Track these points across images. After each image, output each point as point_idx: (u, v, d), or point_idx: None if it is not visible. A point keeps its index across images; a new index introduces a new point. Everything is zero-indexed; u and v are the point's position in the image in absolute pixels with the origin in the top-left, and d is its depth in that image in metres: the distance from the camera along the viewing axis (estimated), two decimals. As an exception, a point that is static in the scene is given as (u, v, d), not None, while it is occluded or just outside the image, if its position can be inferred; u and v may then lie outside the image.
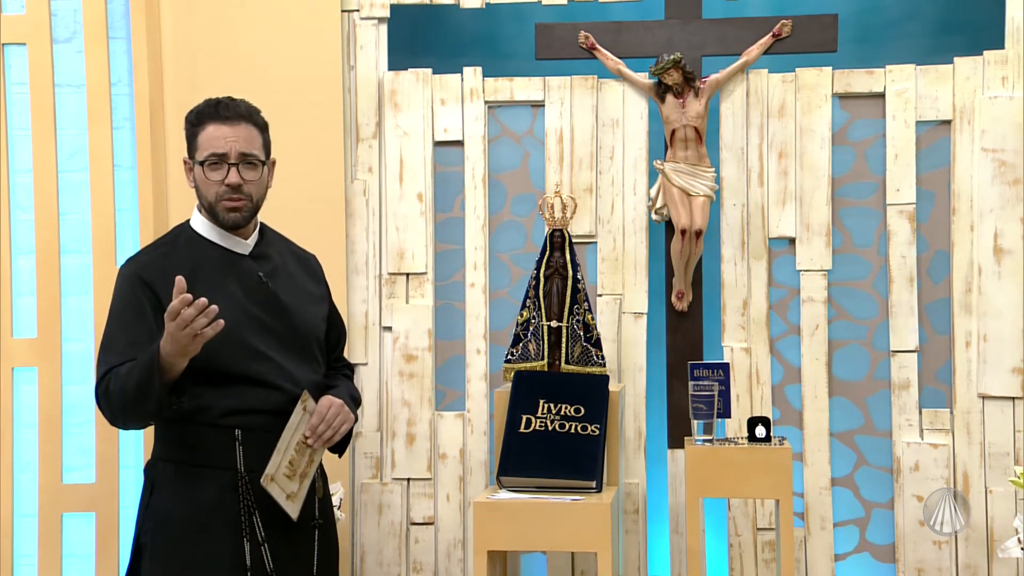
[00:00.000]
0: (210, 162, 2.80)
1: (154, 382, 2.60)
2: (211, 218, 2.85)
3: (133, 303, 2.76)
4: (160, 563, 2.71)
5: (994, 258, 3.88)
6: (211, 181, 2.81)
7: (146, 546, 2.74)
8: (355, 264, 4.11)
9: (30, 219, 3.99)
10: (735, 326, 4.04)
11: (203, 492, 2.73)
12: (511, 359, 3.78)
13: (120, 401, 2.68)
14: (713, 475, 3.55)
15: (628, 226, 4.07)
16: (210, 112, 2.82)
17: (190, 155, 2.86)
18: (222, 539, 2.72)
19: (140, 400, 2.64)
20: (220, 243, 2.86)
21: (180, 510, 2.72)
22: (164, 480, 2.76)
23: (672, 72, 3.89)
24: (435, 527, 4.10)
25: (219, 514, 2.73)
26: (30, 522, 3.96)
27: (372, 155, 4.12)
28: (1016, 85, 3.89)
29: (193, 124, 2.84)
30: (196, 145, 2.83)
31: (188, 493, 2.72)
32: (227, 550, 2.72)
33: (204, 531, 2.71)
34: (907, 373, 3.95)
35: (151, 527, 2.74)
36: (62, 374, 3.95)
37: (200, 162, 2.81)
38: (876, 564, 4.01)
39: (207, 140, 2.81)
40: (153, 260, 2.82)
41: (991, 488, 3.87)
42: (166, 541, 2.72)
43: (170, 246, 2.87)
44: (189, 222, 2.91)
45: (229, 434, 2.75)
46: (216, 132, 2.80)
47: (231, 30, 4.02)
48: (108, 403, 2.71)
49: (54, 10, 4.02)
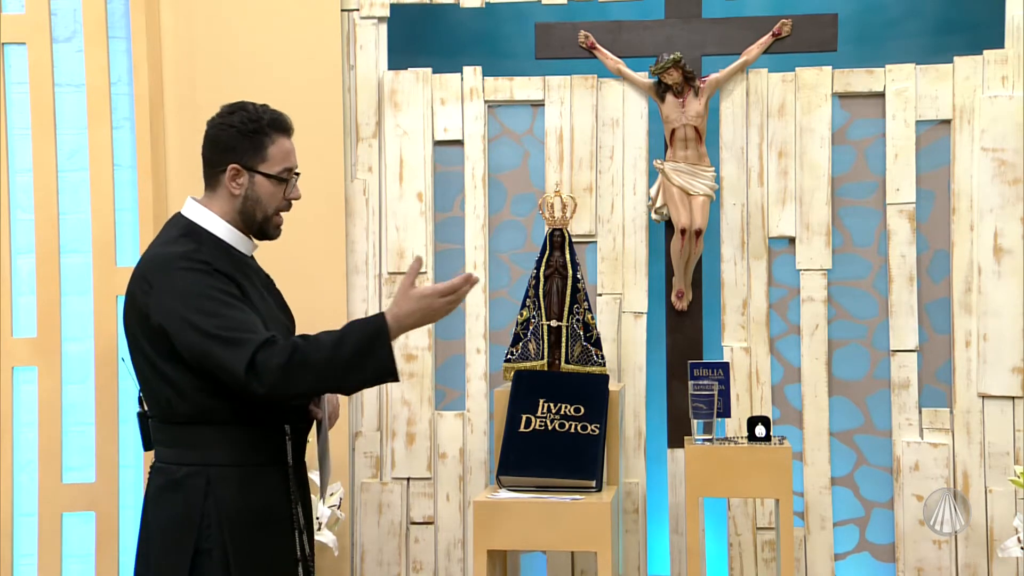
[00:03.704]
0: (284, 177, 2.77)
1: (385, 347, 2.60)
2: (247, 228, 2.80)
3: (228, 291, 2.67)
4: (243, 566, 2.69)
5: (994, 257, 3.88)
6: (277, 194, 2.78)
7: (212, 552, 2.68)
8: (355, 263, 4.11)
9: (30, 218, 3.99)
10: (735, 325, 4.04)
11: (265, 490, 2.76)
12: (511, 358, 3.78)
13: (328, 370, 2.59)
14: (713, 474, 3.55)
15: (628, 225, 4.07)
16: (278, 124, 2.79)
17: (246, 164, 2.75)
18: (282, 533, 2.79)
19: (357, 367, 2.60)
20: (236, 246, 2.80)
21: (252, 512, 2.72)
22: (225, 485, 2.71)
23: (672, 71, 3.89)
24: (435, 526, 4.10)
25: (277, 509, 2.78)
26: (30, 521, 3.96)
27: (372, 154, 4.12)
28: (1016, 84, 3.88)
29: (257, 132, 2.75)
30: (265, 156, 2.75)
31: (253, 493, 2.74)
32: (287, 543, 2.79)
33: (270, 527, 2.76)
34: (907, 373, 3.95)
35: (216, 533, 2.69)
36: (62, 373, 3.95)
37: (272, 176, 2.76)
38: (876, 563, 4.01)
39: (281, 153, 2.77)
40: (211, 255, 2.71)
41: (991, 487, 3.87)
42: (246, 544, 2.70)
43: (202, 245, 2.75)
44: (195, 223, 2.78)
45: (280, 431, 2.78)
46: (288, 146, 2.79)
47: (231, 30, 4.02)
48: (303, 369, 2.58)
49: (54, 9, 4.02)
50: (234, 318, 2.62)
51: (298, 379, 2.59)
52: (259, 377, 2.57)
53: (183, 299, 2.63)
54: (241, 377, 2.56)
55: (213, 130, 2.78)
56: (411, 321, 2.65)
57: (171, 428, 2.73)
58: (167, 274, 2.66)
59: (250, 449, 2.74)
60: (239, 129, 2.74)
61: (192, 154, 3.94)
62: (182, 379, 2.66)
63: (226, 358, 2.58)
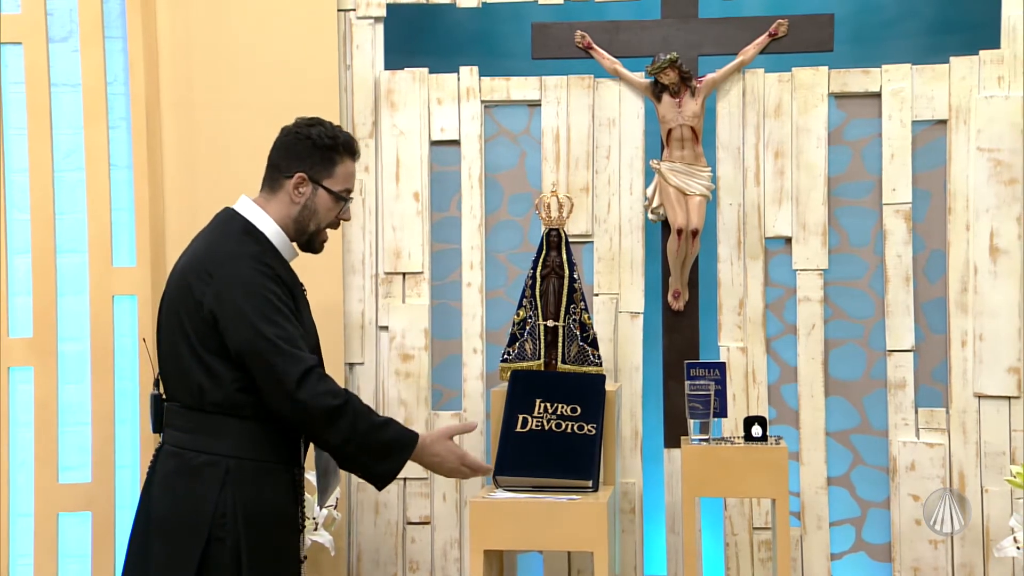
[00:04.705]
0: (344, 197, 2.93)
1: (404, 458, 2.85)
2: (299, 235, 2.92)
3: (286, 302, 2.79)
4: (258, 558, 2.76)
5: (990, 257, 3.89)
6: (334, 211, 2.93)
7: (225, 540, 2.74)
8: (351, 263, 4.11)
9: (26, 218, 3.99)
10: (731, 325, 4.04)
11: (278, 488, 2.84)
12: (507, 358, 3.78)
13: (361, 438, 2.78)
14: (709, 474, 3.55)
15: (624, 225, 4.07)
16: (350, 147, 2.95)
17: (314, 176, 2.88)
18: (289, 532, 2.87)
19: (375, 453, 2.82)
20: (283, 252, 2.92)
21: (269, 506, 2.80)
22: (244, 476, 2.78)
23: (668, 71, 3.90)
24: (431, 526, 4.10)
25: (287, 508, 2.87)
26: (26, 522, 3.95)
27: (368, 154, 4.12)
28: (1012, 84, 3.89)
29: (331, 148, 2.90)
30: (333, 172, 2.90)
31: (267, 489, 2.81)
32: (293, 542, 2.88)
33: (280, 525, 2.84)
34: (903, 372, 3.96)
35: (232, 522, 2.75)
36: (58, 373, 3.94)
37: (336, 192, 2.91)
38: (872, 563, 4.02)
39: (346, 174, 2.93)
40: (274, 262, 2.83)
41: (987, 487, 3.87)
42: (260, 536, 2.77)
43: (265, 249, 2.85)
44: (252, 223, 2.86)
45: (297, 433, 2.88)
46: (353, 169, 2.96)
47: (227, 29, 4.02)
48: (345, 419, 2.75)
49: (50, 9, 4.01)
50: (288, 331, 2.74)
51: (336, 423, 2.74)
52: (306, 394, 2.71)
53: (246, 296, 2.74)
54: (291, 386, 2.70)
55: (289, 137, 2.91)
56: (429, 461, 2.95)
57: (195, 415, 2.80)
58: (235, 269, 2.76)
59: (269, 446, 2.82)
60: (315, 142, 2.88)
61: (189, 153, 3.99)
62: (222, 370, 2.75)
63: (280, 366, 2.70)
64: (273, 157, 2.92)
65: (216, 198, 3.03)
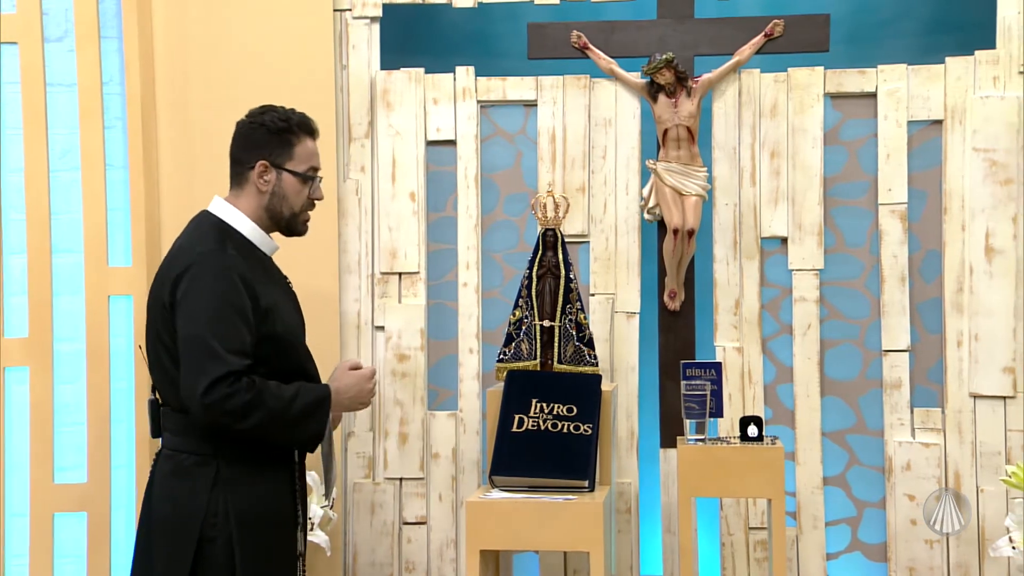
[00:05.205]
0: (310, 176, 2.93)
1: (325, 414, 2.81)
2: (274, 225, 2.93)
3: (239, 304, 2.76)
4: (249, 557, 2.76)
5: (985, 257, 3.89)
6: (303, 192, 2.93)
7: (216, 540, 2.75)
8: (347, 263, 4.11)
9: (22, 218, 3.98)
10: (727, 325, 4.04)
11: (272, 486, 2.85)
12: (503, 358, 3.78)
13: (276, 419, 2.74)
14: (705, 474, 3.55)
15: (620, 225, 4.07)
16: (306, 126, 2.95)
17: (275, 161, 2.90)
18: (285, 529, 2.88)
19: (297, 424, 2.78)
20: (259, 246, 2.92)
21: (260, 504, 2.81)
22: (234, 475, 2.79)
23: (664, 72, 3.90)
24: (427, 527, 4.10)
25: (282, 506, 2.87)
26: (21, 522, 3.95)
27: (364, 154, 4.12)
28: (1007, 85, 3.89)
29: (285, 131, 2.91)
30: (292, 154, 2.91)
31: (261, 487, 2.82)
32: (289, 539, 2.89)
33: (274, 522, 2.85)
34: (899, 372, 3.96)
35: (224, 522, 2.76)
36: (53, 373, 3.94)
37: (299, 173, 2.91)
38: (868, 563, 4.02)
39: (307, 153, 2.93)
40: (237, 260, 2.81)
41: (982, 487, 3.88)
42: (251, 535, 2.78)
43: (231, 246, 2.84)
44: (223, 221, 2.88)
45: None
46: (313, 148, 2.96)
47: (223, 29, 4.02)
48: (258, 409, 2.71)
49: (45, 9, 4.00)
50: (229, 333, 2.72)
51: (250, 416, 2.70)
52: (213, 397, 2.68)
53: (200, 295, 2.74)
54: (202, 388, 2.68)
55: (244, 129, 2.93)
56: (347, 397, 2.89)
57: (183, 417, 2.81)
58: (198, 270, 2.76)
59: (261, 445, 2.82)
60: (269, 128, 2.90)
61: (185, 153, 3.99)
62: None
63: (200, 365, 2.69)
64: (233, 152, 2.94)
65: (212, 198, 3.02)
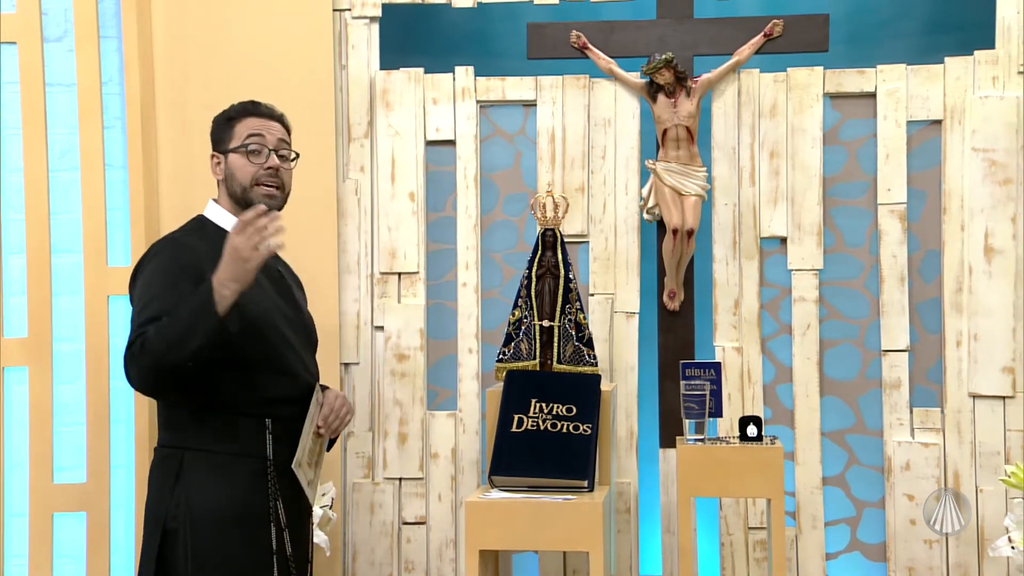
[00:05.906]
0: (252, 145, 2.94)
1: (209, 312, 2.61)
2: (239, 207, 2.93)
3: (175, 271, 2.79)
4: (201, 551, 2.76)
5: (985, 257, 3.89)
6: (251, 164, 2.94)
7: (177, 532, 2.76)
8: (347, 263, 4.11)
9: (21, 218, 3.98)
10: (727, 325, 4.04)
11: (237, 481, 2.81)
12: (503, 358, 3.78)
13: (162, 347, 2.64)
14: (705, 474, 3.55)
15: (620, 225, 4.07)
16: (248, 109, 3.00)
17: (221, 148, 2.98)
18: (255, 526, 2.83)
19: (186, 338, 2.62)
20: None
21: (217, 499, 2.78)
22: (195, 468, 2.79)
23: (664, 72, 3.90)
24: (427, 527, 4.10)
25: (252, 502, 2.83)
26: (21, 522, 3.94)
27: (364, 154, 4.12)
28: (1006, 85, 3.90)
29: (229, 119, 2.98)
30: (232, 135, 2.97)
31: (223, 482, 2.80)
32: (259, 537, 2.83)
33: (240, 519, 2.81)
34: (898, 372, 3.96)
35: (184, 515, 2.76)
36: (53, 374, 3.94)
37: (238, 147, 2.94)
38: (867, 563, 4.02)
39: (246, 128, 2.97)
40: (191, 242, 2.88)
41: (982, 487, 3.88)
42: (205, 530, 2.77)
43: (199, 234, 2.92)
44: (206, 217, 2.99)
45: (260, 423, 2.85)
46: (255, 123, 2.98)
47: (222, 29, 4.02)
48: (144, 354, 2.66)
49: (45, 9, 4.00)
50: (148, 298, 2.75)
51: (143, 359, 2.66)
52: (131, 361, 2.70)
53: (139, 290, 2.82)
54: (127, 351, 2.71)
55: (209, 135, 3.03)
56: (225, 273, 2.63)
57: (162, 410, 2.88)
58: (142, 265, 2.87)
59: (224, 437, 2.82)
60: (216, 122, 3.02)
61: (184, 153, 3.99)
62: None
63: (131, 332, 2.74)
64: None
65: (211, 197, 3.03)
